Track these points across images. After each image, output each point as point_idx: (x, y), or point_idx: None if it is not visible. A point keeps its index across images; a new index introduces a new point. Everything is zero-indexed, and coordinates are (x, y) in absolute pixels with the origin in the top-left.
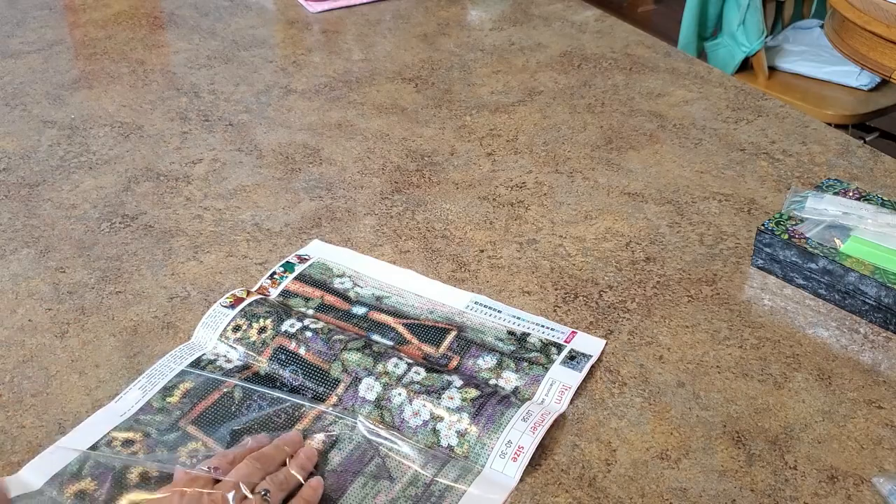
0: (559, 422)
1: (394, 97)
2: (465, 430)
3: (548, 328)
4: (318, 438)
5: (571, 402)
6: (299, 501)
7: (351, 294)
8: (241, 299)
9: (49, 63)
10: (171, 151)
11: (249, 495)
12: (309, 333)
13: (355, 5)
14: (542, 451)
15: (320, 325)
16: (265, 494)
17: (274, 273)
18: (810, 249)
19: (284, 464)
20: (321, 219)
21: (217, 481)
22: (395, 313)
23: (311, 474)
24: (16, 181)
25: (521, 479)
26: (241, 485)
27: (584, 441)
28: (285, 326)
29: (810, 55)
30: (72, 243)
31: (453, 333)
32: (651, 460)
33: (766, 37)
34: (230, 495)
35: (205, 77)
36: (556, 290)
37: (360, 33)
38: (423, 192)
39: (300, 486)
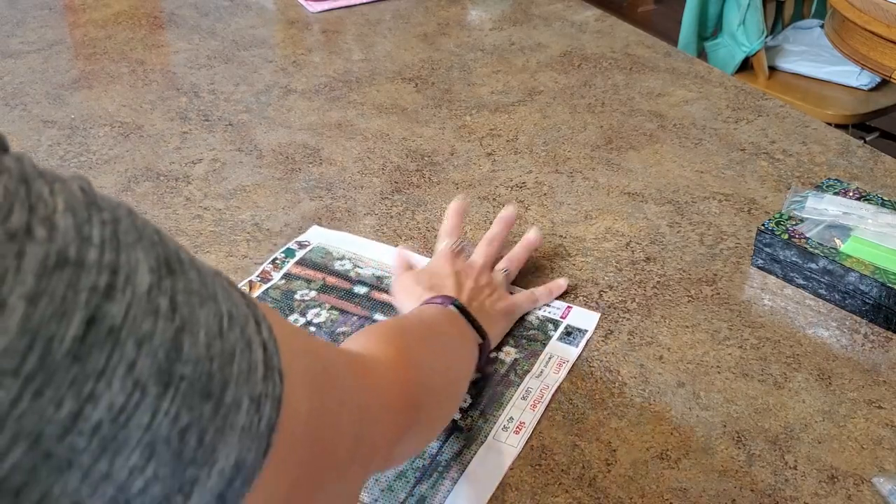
0: (559, 422)
1: (394, 97)
2: (468, 408)
3: (544, 304)
4: None
5: (573, 400)
6: (542, 288)
7: (352, 274)
8: None
9: (49, 63)
10: (171, 151)
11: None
12: (313, 328)
13: (355, 5)
14: (543, 451)
15: (323, 317)
16: (505, 271)
17: (275, 258)
18: (810, 249)
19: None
20: (321, 219)
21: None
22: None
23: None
24: None
25: (522, 480)
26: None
27: (584, 441)
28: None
29: (810, 55)
30: None
31: None
32: (651, 460)
33: (767, 37)
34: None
35: (205, 77)
36: None
37: (360, 33)
38: (423, 192)
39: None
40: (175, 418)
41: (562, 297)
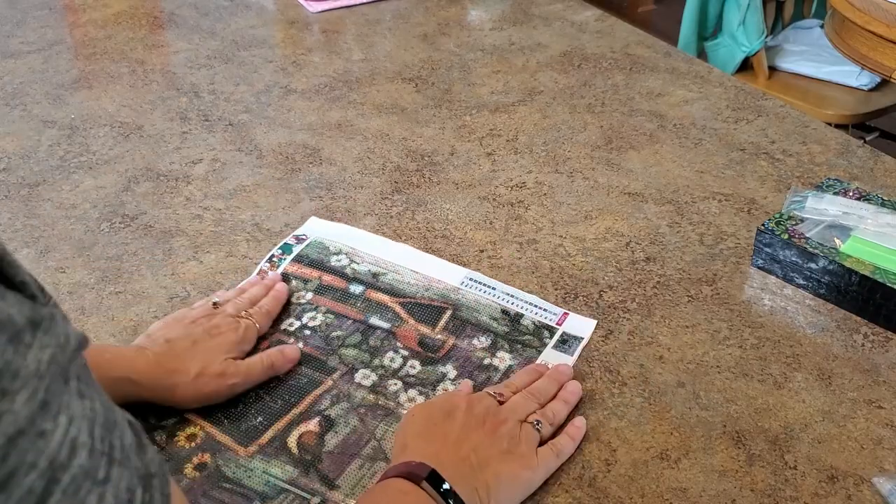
0: None
1: (394, 97)
2: None
3: (540, 308)
4: (314, 422)
5: None
6: (564, 437)
7: (348, 271)
8: None
9: (49, 63)
10: (171, 151)
11: (531, 421)
12: (308, 332)
13: (355, 5)
14: None
15: (318, 321)
16: (537, 425)
17: (272, 256)
18: (810, 249)
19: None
20: (321, 219)
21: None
22: (392, 292)
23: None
24: (16, 181)
25: None
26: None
27: (584, 441)
28: (284, 325)
29: (810, 55)
30: (72, 243)
31: (449, 312)
32: (651, 460)
33: (766, 37)
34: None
35: (205, 77)
36: (556, 290)
37: (360, 33)
38: (423, 192)
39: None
40: None
41: (560, 302)
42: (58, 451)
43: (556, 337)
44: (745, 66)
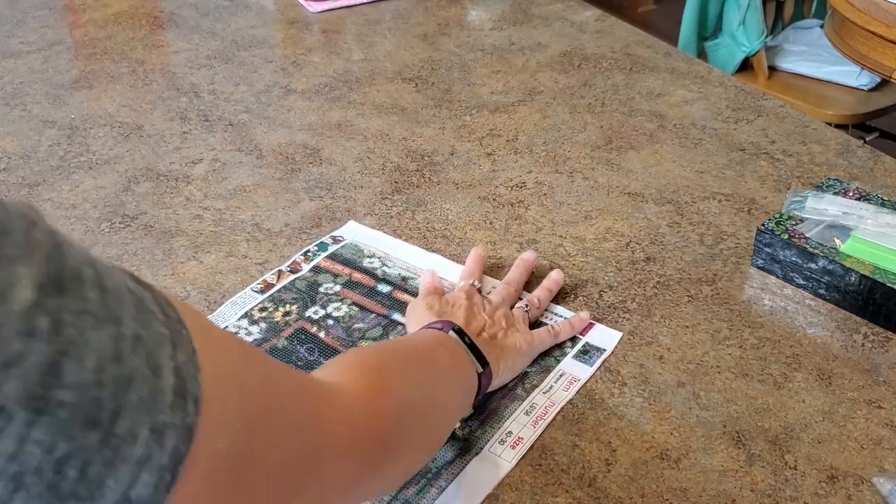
0: (559, 422)
1: (394, 97)
2: (469, 417)
3: (565, 319)
4: None
5: (573, 399)
6: (566, 324)
7: (378, 272)
8: (272, 285)
9: (49, 63)
10: (171, 151)
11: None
12: (331, 321)
13: (355, 5)
14: (543, 451)
15: (342, 312)
16: (525, 309)
17: (308, 251)
18: (810, 249)
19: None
20: (321, 219)
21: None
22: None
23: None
24: (16, 181)
25: (522, 480)
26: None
27: (584, 441)
28: (309, 312)
29: (810, 55)
30: None
31: None
32: (651, 460)
33: (766, 37)
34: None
35: (205, 77)
36: None
37: (360, 33)
38: (423, 192)
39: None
40: (50, 448)
41: (560, 301)
42: (80, 251)
43: (578, 347)
44: (745, 66)
